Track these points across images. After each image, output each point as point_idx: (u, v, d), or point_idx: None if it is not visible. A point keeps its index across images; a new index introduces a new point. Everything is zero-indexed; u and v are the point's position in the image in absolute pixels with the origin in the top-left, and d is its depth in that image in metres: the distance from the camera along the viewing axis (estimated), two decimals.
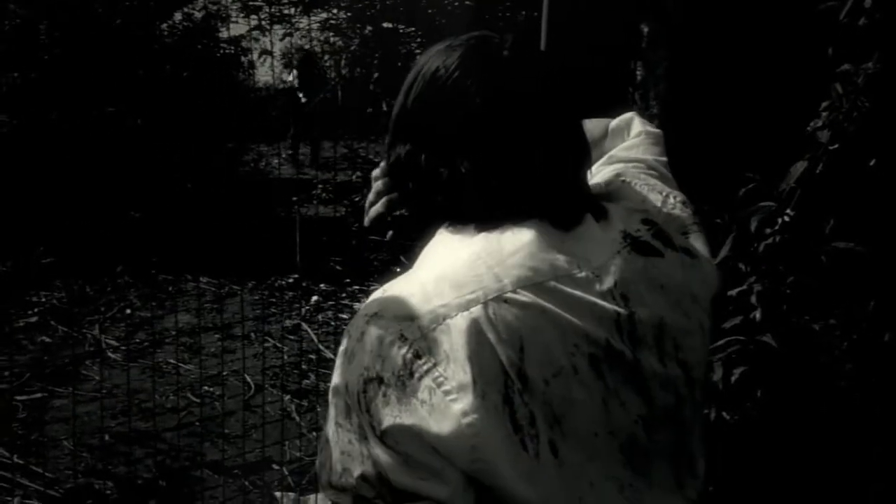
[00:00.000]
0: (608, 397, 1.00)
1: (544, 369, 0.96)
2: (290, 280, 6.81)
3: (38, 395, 4.61)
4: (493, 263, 1.00)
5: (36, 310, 6.03)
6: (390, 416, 0.95)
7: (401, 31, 7.69)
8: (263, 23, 8.51)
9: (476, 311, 0.96)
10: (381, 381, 0.96)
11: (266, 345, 5.40)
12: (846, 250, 1.81)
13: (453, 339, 0.95)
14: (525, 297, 0.97)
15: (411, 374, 0.95)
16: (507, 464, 0.93)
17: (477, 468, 0.93)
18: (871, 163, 1.79)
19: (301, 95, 10.49)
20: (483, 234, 1.03)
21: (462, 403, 0.93)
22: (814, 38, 1.91)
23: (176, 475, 3.82)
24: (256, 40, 10.34)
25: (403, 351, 0.96)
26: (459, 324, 0.96)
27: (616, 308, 1.01)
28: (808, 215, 1.88)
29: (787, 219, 1.89)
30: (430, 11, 7.38)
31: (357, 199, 8.08)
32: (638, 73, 2.47)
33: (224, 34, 9.38)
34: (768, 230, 1.90)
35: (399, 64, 7.46)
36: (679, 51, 2.45)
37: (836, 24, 1.83)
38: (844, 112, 1.80)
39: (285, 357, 5.17)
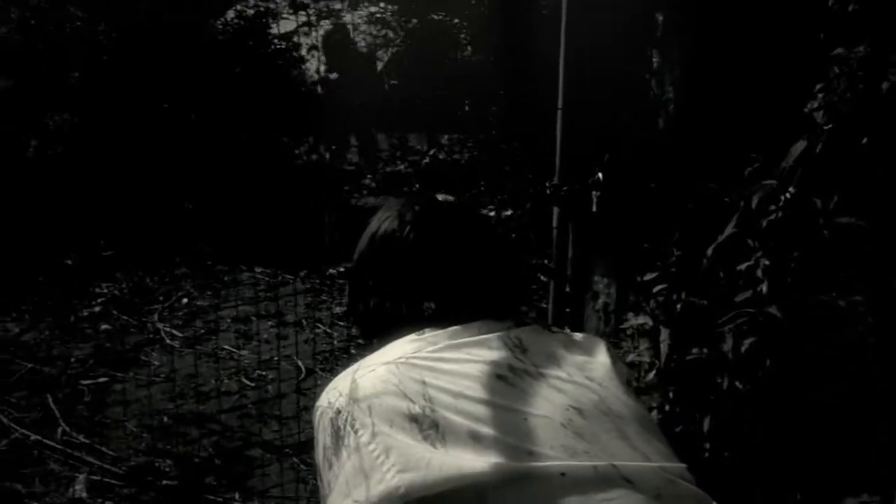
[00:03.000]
0: None
1: None
2: (341, 269, 6.99)
3: (102, 379, 4.84)
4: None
5: (99, 300, 6.29)
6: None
7: (447, 22, 7.81)
8: (311, 18, 8.70)
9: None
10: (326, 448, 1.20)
11: (317, 331, 5.59)
12: (847, 225, 1.89)
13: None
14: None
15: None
16: None
17: None
18: (864, 141, 1.87)
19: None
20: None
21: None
22: (809, 23, 1.99)
23: (231, 454, 4.00)
24: (307, 34, 10.54)
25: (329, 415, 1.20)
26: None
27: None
28: (808, 192, 1.97)
29: (788, 196, 1.97)
30: (473, 2, 7.49)
31: (406, 188, 8.24)
32: (654, 60, 2.56)
33: (275, 30, 9.59)
34: (773, 207, 1.99)
35: (441, 54, 7.58)
36: (693, 38, 2.54)
37: (827, 10, 1.91)
38: (839, 93, 1.88)
39: (335, 342, 5.35)
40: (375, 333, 1.38)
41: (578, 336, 1.38)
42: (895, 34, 1.90)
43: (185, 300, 6.37)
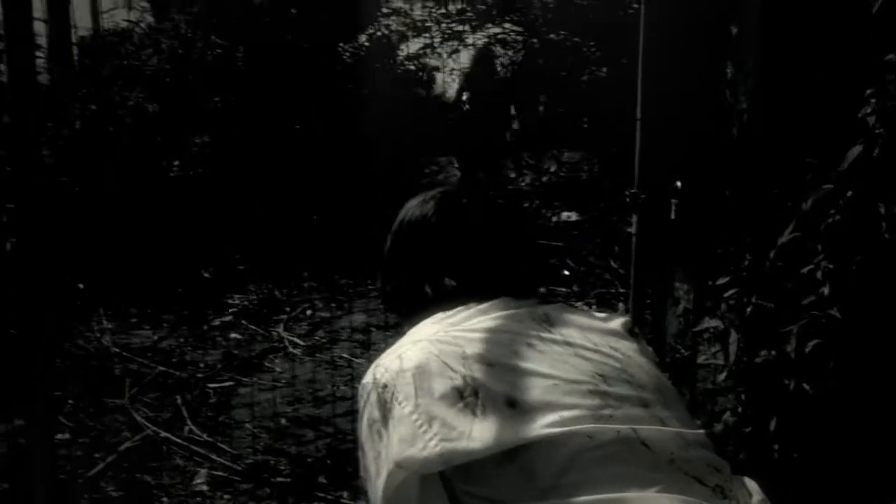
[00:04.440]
0: None
1: None
2: None
3: (228, 383, 5.13)
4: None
5: (231, 310, 6.65)
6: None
7: (568, 43, 7.88)
8: (435, 41, 8.94)
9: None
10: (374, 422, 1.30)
11: None
12: None
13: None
14: None
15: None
16: None
17: None
18: None
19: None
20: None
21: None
22: (859, 30, 2.00)
23: (342, 455, 4.17)
24: (439, 55, 10.78)
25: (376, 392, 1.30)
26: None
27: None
28: (867, 196, 1.97)
29: (846, 200, 1.98)
30: (590, 15, 7.53)
31: (526, 204, 8.34)
32: (728, 71, 2.60)
33: (403, 52, 9.88)
34: (832, 210, 2.00)
35: (565, 74, 7.66)
36: (765, 49, 2.56)
37: (873, 18, 1.91)
38: (892, 98, 1.88)
39: None
40: (404, 313, 1.49)
41: (601, 314, 1.47)
42: None
43: (309, 311, 6.65)
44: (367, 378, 1.35)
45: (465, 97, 12.65)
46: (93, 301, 6.08)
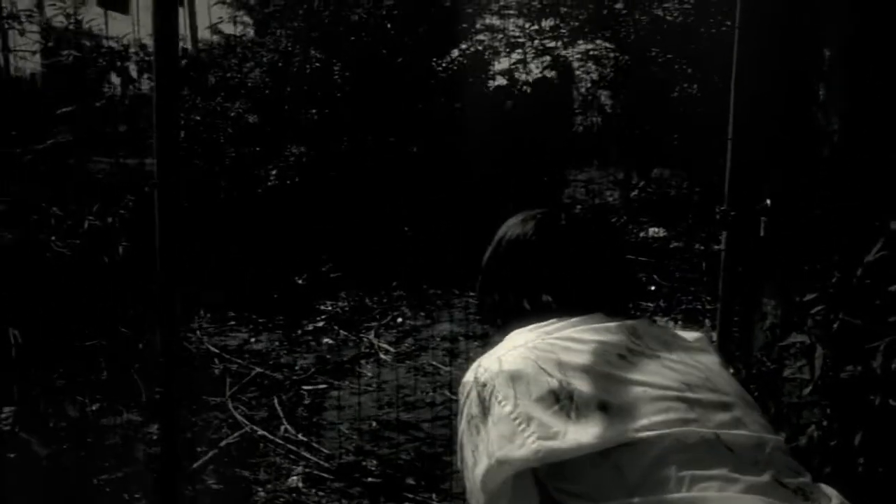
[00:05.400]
0: None
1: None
2: None
3: (321, 386, 5.32)
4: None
5: (323, 316, 6.87)
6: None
7: (660, 60, 7.90)
8: (527, 56, 9.07)
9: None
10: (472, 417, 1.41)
11: None
12: None
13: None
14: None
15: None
16: None
17: None
18: None
19: None
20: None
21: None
22: None
23: (431, 459, 4.31)
24: (526, 71, 10.90)
25: (476, 390, 1.41)
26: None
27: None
28: None
29: None
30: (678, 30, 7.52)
31: (614, 219, 8.37)
32: (820, 93, 2.64)
33: (495, 67, 10.02)
34: None
35: (655, 91, 7.68)
36: (858, 71, 2.60)
37: None
38: None
39: None
40: (501, 324, 1.60)
41: (682, 330, 1.57)
42: None
43: (399, 319, 6.82)
44: (469, 377, 1.46)
45: None
46: (194, 304, 6.37)
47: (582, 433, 1.28)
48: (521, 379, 1.36)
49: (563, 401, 1.31)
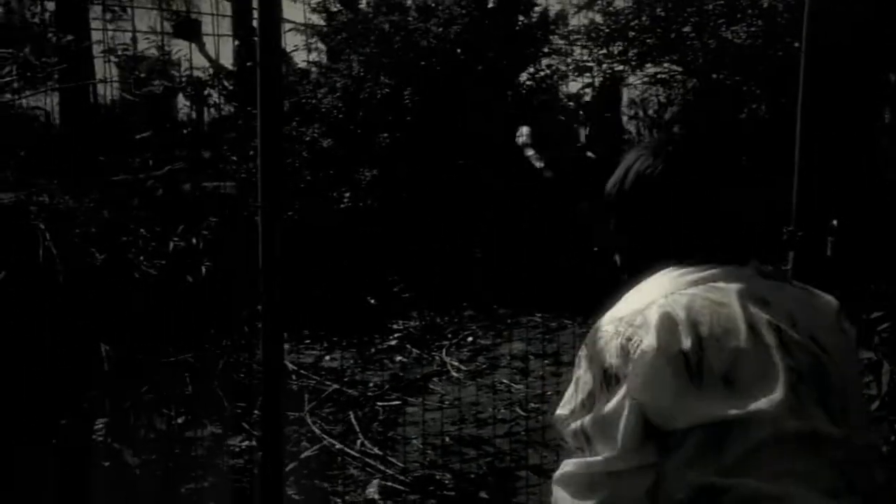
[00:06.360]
0: None
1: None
2: None
3: (395, 402, 5.48)
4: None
5: (396, 335, 7.04)
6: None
7: (728, 83, 7.92)
8: (595, 80, 9.18)
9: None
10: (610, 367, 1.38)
11: None
12: None
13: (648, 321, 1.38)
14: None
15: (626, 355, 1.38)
16: None
17: None
18: None
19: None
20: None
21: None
22: None
23: (502, 474, 4.41)
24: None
25: (618, 341, 1.38)
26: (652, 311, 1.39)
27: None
28: None
29: None
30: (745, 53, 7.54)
31: None
32: (885, 116, 2.70)
33: (564, 90, 10.14)
34: None
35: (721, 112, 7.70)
36: None
37: None
38: None
39: None
40: (625, 268, 1.56)
41: (817, 295, 1.54)
42: None
43: (470, 338, 6.95)
44: (609, 328, 1.40)
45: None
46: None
47: (697, 407, 1.29)
48: (660, 336, 1.33)
49: (692, 367, 1.31)
